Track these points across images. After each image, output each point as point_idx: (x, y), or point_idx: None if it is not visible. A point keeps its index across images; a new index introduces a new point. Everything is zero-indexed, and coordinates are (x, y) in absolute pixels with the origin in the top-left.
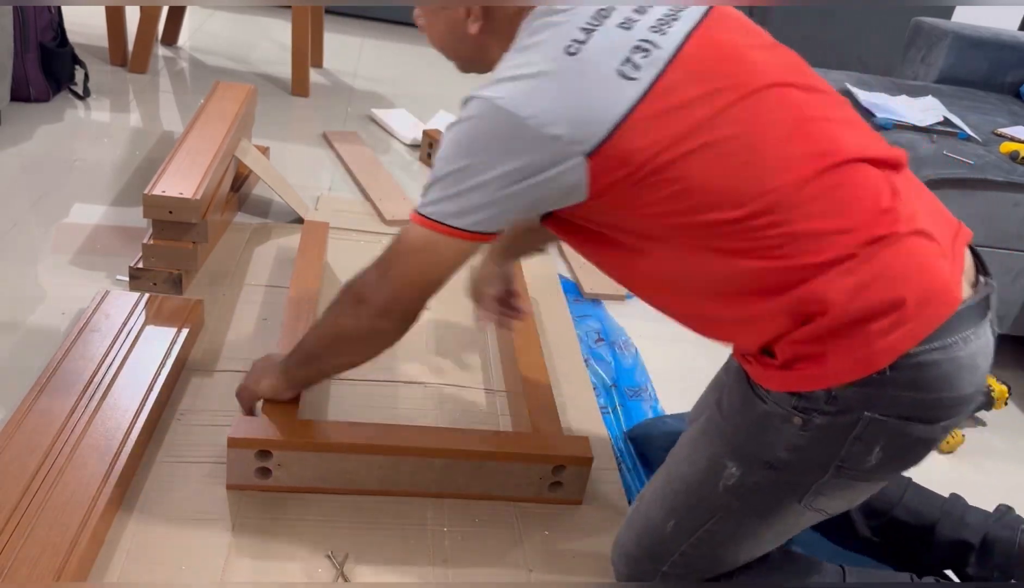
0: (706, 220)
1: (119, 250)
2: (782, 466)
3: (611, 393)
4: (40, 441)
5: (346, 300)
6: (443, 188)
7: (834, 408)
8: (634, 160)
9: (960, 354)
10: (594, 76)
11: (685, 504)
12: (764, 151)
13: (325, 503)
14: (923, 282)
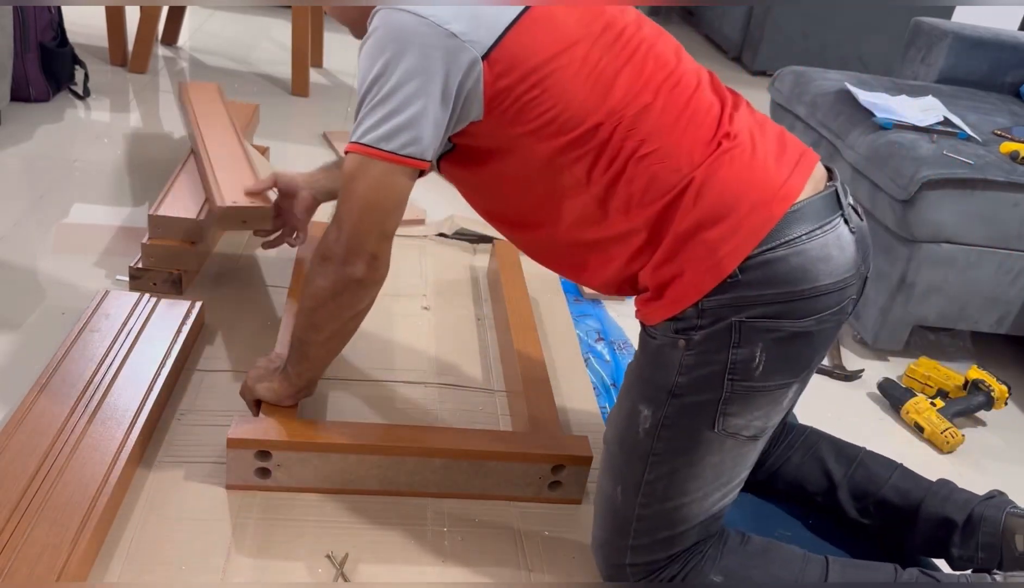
0: (567, 139)
1: (119, 250)
2: (682, 391)
3: (611, 392)
4: (40, 441)
5: (313, 265)
6: (366, 111)
7: (706, 321)
8: (521, 65)
9: (807, 247)
10: None
11: (622, 464)
12: (618, 73)
13: (325, 503)
14: (754, 187)
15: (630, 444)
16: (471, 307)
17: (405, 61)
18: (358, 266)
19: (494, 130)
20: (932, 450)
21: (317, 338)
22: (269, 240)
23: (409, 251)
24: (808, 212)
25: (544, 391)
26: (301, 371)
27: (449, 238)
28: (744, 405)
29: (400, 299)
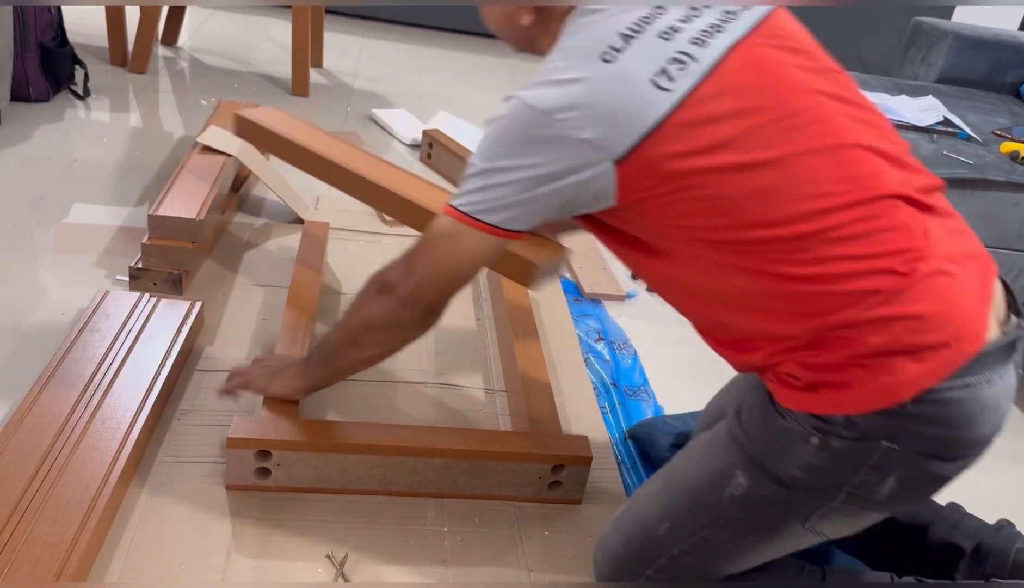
0: (735, 238)
1: (119, 250)
2: (793, 484)
3: (610, 393)
4: (40, 441)
5: (371, 289)
6: (475, 182)
7: (853, 434)
8: (662, 171)
9: (984, 394)
10: (628, 84)
11: (685, 508)
12: (797, 176)
13: (325, 503)
14: (950, 320)
15: (707, 498)
16: (471, 307)
17: (529, 157)
18: (414, 311)
19: (633, 218)
20: None
21: (354, 355)
22: None
23: None
24: (991, 355)
25: (544, 391)
26: (323, 375)
27: None
28: (846, 517)
29: None
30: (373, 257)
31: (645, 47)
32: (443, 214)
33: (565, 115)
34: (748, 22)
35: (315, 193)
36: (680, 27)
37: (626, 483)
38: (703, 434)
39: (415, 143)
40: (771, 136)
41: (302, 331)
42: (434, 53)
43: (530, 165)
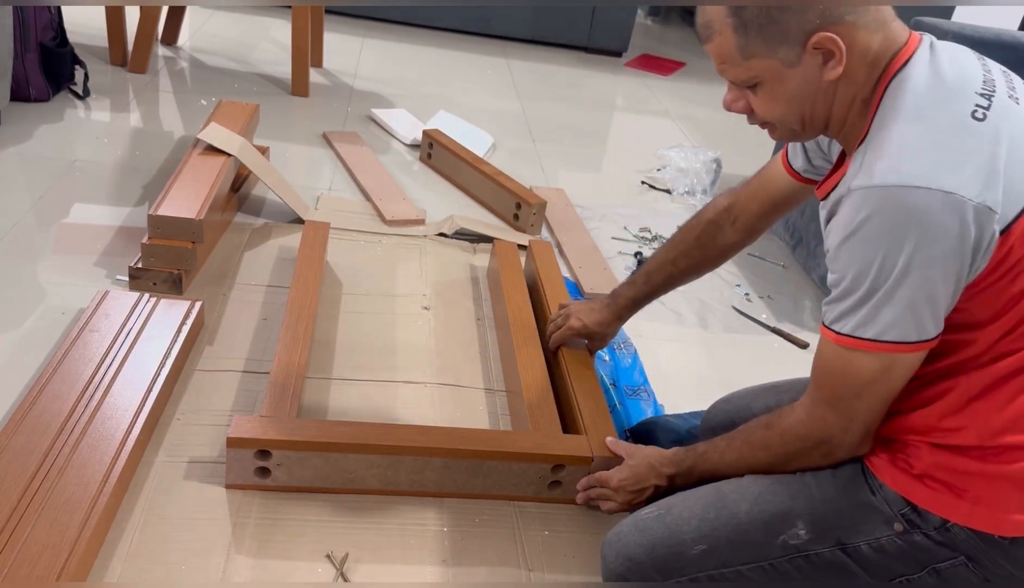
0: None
1: (119, 250)
2: (856, 558)
3: (611, 393)
4: (40, 441)
5: (807, 448)
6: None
7: (940, 539)
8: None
9: None
10: (1010, 144)
11: (728, 538)
12: None
13: (325, 503)
14: None
15: (757, 538)
16: (471, 307)
17: (923, 251)
18: (866, 445)
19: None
20: None
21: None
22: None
23: (409, 251)
24: None
25: (544, 391)
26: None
27: (449, 238)
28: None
29: (400, 299)
30: (373, 257)
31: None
32: (857, 350)
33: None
34: None
35: (315, 193)
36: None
37: None
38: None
39: (415, 143)
40: None
41: (302, 331)
42: (434, 53)
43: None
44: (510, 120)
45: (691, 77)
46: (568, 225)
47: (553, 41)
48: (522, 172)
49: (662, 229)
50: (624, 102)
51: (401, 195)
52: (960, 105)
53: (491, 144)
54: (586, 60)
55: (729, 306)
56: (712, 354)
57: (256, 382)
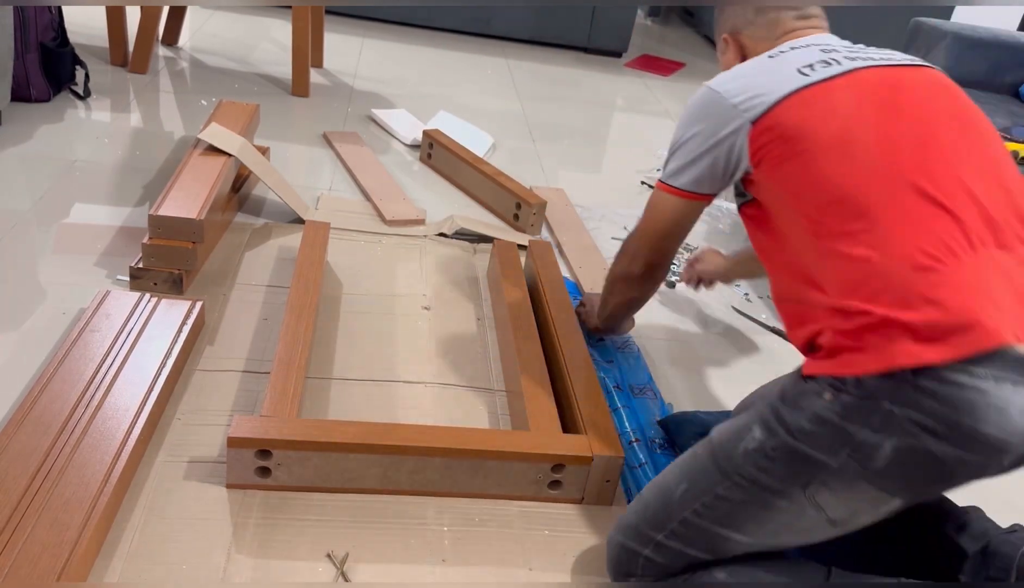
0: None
1: (119, 250)
2: (800, 436)
3: (614, 394)
4: (41, 441)
5: (618, 251)
6: (669, 154)
7: (861, 393)
8: (781, 130)
9: (989, 389)
10: (779, 70)
11: (702, 467)
12: (879, 161)
13: (325, 503)
14: (971, 311)
15: (724, 454)
16: (471, 307)
17: (697, 130)
18: (640, 266)
19: (762, 185)
20: None
21: (613, 300)
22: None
23: (409, 251)
24: (1011, 360)
25: (544, 391)
26: (606, 312)
27: (449, 238)
28: (845, 488)
29: (400, 299)
30: (373, 257)
31: (806, 53)
32: (656, 190)
33: (725, 89)
34: (904, 61)
35: (315, 193)
36: (844, 53)
37: (626, 484)
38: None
39: (415, 143)
40: (875, 123)
41: (303, 331)
42: (434, 53)
43: (697, 129)
44: (510, 120)
45: (691, 77)
46: (568, 225)
47: (553, 41)
48: (522, 172)
49: None
50: (624, 102)
51: (401, 195)
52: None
53: (491, 144)
54: (586, 60)
55: (729, 306)
56: (712, 354)
57: (256, 382)
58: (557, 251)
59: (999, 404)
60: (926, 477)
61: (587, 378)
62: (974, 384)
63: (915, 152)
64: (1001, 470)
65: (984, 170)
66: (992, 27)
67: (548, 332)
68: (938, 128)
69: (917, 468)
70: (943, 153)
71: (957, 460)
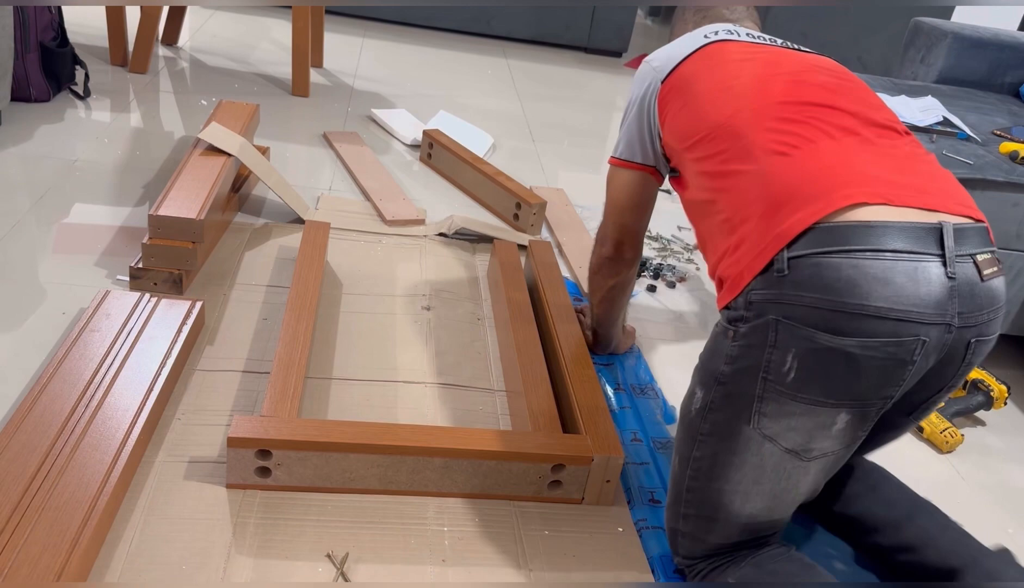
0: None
1: (119, 250)
2: (725, 379)
3: (615, 395)
4: (40, 441)
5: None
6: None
7: (751, 313)
8: (679, 81)
9: (866, 264)
10: (691, 37)
11: (680, 439)
12: (749, 92)
13: (325, 503)
14: (830, 178)
15: (686, 421)
16: (471, 307)
17: (632, 93)
18: (608, 247)
19: (667, 142)
20: (932, 450)
21: (593, 298)
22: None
23: (409, 251)
24: (885, 233)
25: (544, 391)
26: (593, 309)
27: (449, 238)
28: (778, 410)
29: (400, 299)
30: (373, 257)
31: (718, 25)
32: (610, 165)
33: (652, 57)
34: (797, 47)
35: (315, 193)
36: (751, 33)
37: (628, 483)
38: None
39: (415, 143)
40: (754, 70)
41: (303, 331)
42: (434, 53)
43: (631, 100)
44: (510, 120)
45: None
46: (568, 225)
47: (553, 41)
48: (522, 172)
49: (662, 229)
50: (624, 102)
51: (401, 195)
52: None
53: (491, 144)
54: (586, 60)
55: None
56: None
57: (256, 382)
58: (557, 251)
59: (881, 277)
60: (841, 374)
61: (587, 378)
62: (853, 263)
63: (786, 86)
64: (937, 355)
65: (854, 102)
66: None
67: (548, 332)
68: (812, 75)
69: (828, 367)
70: (812, 89)
71: (861, 346)
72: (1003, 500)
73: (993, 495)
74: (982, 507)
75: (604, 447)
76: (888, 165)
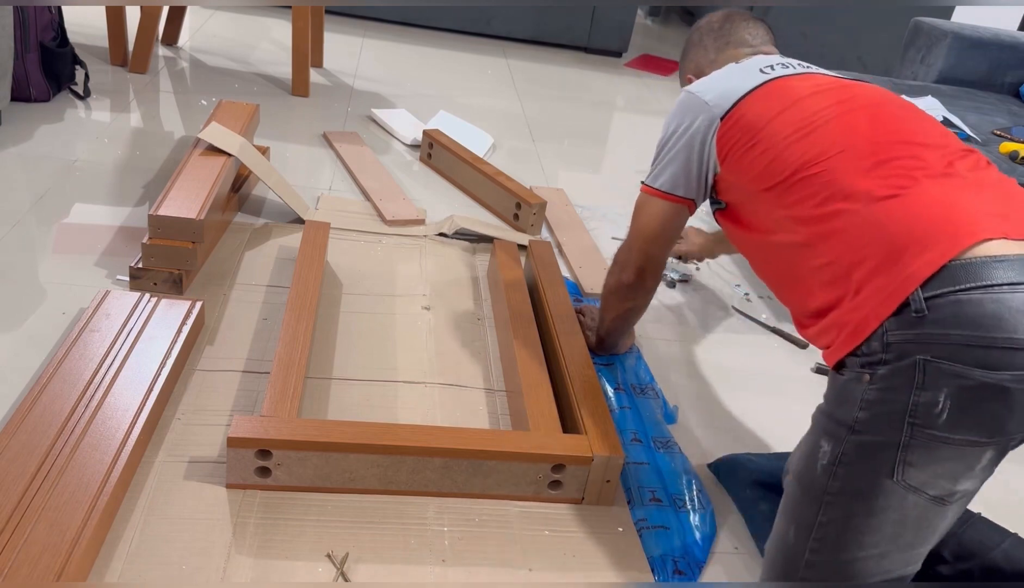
0: (784, 188)
1: (119, 250)
2: (861, 427)
3: (615, 395)
4: (40, 441)
5: (612, 264)
6: (653, 158)
7: (891, 355)
8: (745, 122)
9: (1008, 297)
10: (744, 71)
11: (797, 502)
12: (834, 132)
13: (325, 503)
14: (949, 218)
15: (807, 480)
16: (471, 307)
17: (674, 129)
18: (632, 274)
19: (730, 182)
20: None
21: (610, 314)
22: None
23: (409, 251)
24: (1012, 266)
25: (544, 391)
26: (603, 327)
27: (449, 238)
28: (926, 457)
29: (400, 299)
30: (373, 257)
31: (767, 59)
32: (643, 193)
33: (699, 89)
34: (853, 77)
35: (315, 193)
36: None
37: (627, 483)
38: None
39: (415, 143)
40: (831, 105)
41: (302, 331)
42: (434, 53)
43: (674, 128)
44: (510, 120)
45: None
46: (568, 225)
47: (553, 41)
48: (522, 172)
49: None
50: (624, 102)
51: (401, 195)
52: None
53: (491, 144)
54: (586, 60)
55: (729, 306)
56: (712, 354)
57: (256, 382)
58: (557, 251)
59: (1022, 307)
60: (996, 410)
61: (587, 378)
62: (992, 297)
63: (869, 124)
64: None
65: (927, 132)
66: (992, 27)
67: (548, 332)
68: (886, 109)
69: (982, 404)
70: (893, 124)
71: (1015, 378)
72: (1001, 500)
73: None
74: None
75: (604, 447)
76: (988, 197)
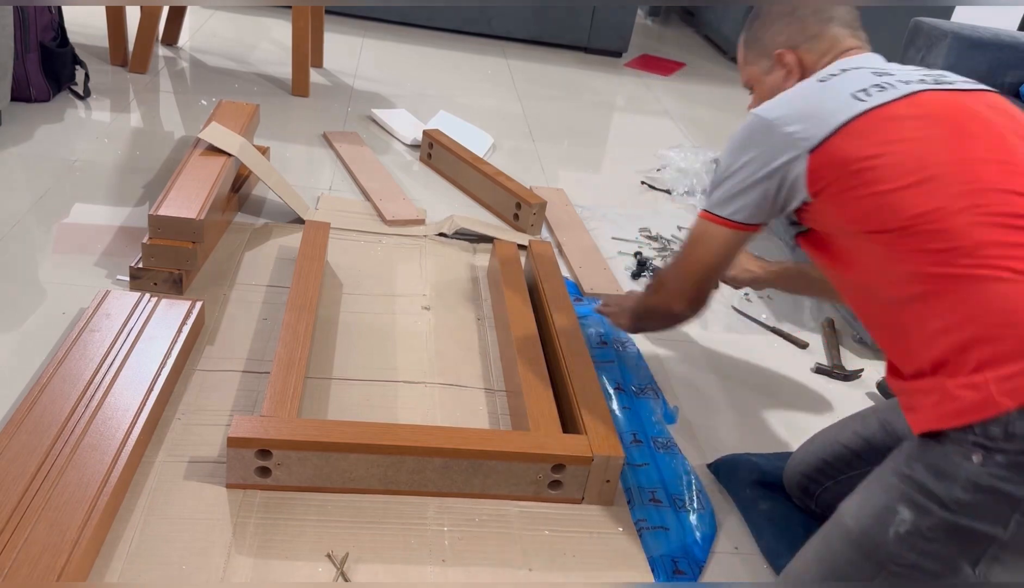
0: (898, 236)
1: (119, 250)
2: (959, 508)
3: (615, 395)
4: (40, 441)
5: (654, 283)
6: (715, 183)
7: (1014, 446)
8: (844, 159)
9: None
10: (832, 95)
11: (849, 560)
12: (959, 175)
13: (325, 503)
14: None
15: (872, 543)
16: (471, 307)
17: (747, 159)
18: (683, 303)
19: (823, 215)
20: None
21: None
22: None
23: (409, 251)
24: None
25: (544, 391)
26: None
27: (449, 238)
28: (1018, 558)
29: (400, 299)
30: (373, 257)
31: (858, 76)
32: (700, 218)
33: (776, 115)
34: (960, 85)
35: (315, 193)
36: (898, 75)
37: (628, 484)
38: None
39: (415, 143)
40: (944, 140)
41: (302, 331)
42: (434, 53)
43: (748, 158)
44: (510, 120)
45: (691, 77)
46: (568, 225)
47: (553, 41)
48: (522, 172)
49: (662, 229)
50: (624, 102)
51: (401, 195)
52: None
53: (491, 144)
54: (586, 60)
55: (729, 306)
56: (712, 354)
57: (256, 382)
58: (557, 251)
59: None
60: None
61: (587, 378)
62: None
63: (999, 172)
64: None
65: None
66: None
67: (548, 332)
68: (1011, 140)
69: None
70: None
71: None
72: None
73: None
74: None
75: (604, 447)
76: None
